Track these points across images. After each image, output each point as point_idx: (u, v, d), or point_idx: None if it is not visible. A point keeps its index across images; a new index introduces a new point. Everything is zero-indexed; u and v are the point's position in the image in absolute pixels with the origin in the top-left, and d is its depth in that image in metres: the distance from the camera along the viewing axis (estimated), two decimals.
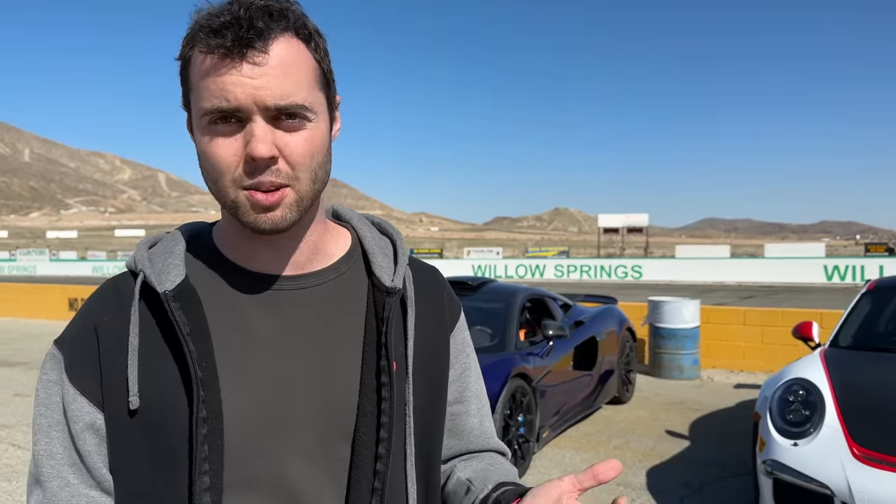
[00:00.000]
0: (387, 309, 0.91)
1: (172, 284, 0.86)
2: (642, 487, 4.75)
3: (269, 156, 0.79)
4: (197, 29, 0.80)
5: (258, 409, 0.85)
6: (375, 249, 0.97)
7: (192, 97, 0.83)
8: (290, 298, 0.91)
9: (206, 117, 0.81)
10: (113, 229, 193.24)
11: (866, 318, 4.88)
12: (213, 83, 0.79)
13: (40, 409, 0.89)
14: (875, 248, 34.50)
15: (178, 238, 0.94)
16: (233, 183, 0.82)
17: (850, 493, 3.17)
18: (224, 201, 0.84)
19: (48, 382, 0.89)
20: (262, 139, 0.79)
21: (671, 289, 25.42)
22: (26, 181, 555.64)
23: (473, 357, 1.08)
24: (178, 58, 0.85)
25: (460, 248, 57.88)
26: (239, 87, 0.78)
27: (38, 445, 0.88)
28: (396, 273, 0.95)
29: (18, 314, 17.05)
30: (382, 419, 0.88)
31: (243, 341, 0.87)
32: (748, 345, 9.27)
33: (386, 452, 0.88)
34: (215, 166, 0.82)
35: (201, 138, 0.82)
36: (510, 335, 5.47)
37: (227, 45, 0.78)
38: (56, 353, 0.89)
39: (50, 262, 51.84)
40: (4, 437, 6.04)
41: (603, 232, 48.65)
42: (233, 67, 0.78)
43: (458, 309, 1.07)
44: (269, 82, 0.79)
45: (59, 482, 0.86)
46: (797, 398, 3.76)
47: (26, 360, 10.40)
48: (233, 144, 0.81)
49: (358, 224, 1.02)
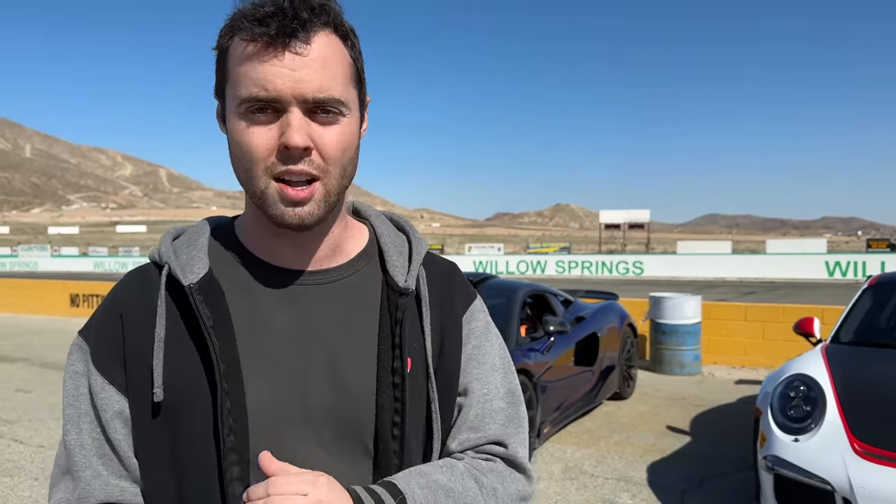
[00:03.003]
0: (400, 309, 0.92)
1: (197, 277, 0.88)
2: (643, 483, 4.75)
3: (305, 146, 0.81)
4: (240, 17, 0.82)
5: (278, 402, 0.86)
6: (391, 248, 0.98)
7: (228, 86, 0.84)
8: (309, 293, 0.92)
9: (242, 105, 0.82)
10: (114, 225, 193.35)
11: (868, 314, 4.87)
12: (254, 71, 0.80)
13: (69, 399, 0.89)
14: (877, 244, 34.42)
15: (202, 230, 0.96)
16: (265, 172, 0.83)
17: (850, 489, 3.17)
18: (253, 191, 0.85)
19: (75, 374, 0.90)
20: (298, 129, 0.80)
21: (672, 285, 25.40)
22: (28, 177, 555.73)
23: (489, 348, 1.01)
24: (216, 48, 0.86)
25: (461, 244, 57.88)
26: (279, 77, 0.80)
27: (69, 436, 0.89)
28: (410, 273, 0.96)
29: (20, 310, 17.06)
30: (395, 418, 0.89)
31: (263, 334, 0.88)
32: (749, 341, 9.27)
33: (399, 449, 0.89)
34: (249, 154, 0.83)
35: (236, 126, 0.83)
36: (511, 331, 5.47)
37: (270, 34, 0.79)
38: (82, 344, 0.90)
39: (51, 257, 51.88)
40: (6, 432, 6.05)
41: (604, 228, 48.59)
42: (275, 56, 0.80)
43: (469, 299, 1.03)
44: (308, 75, 0.80)
45: (90, 472, 0.87)
46: (798, 394, 3.76)
47: (28, 355, 10.41)
48: (267, 133, 0.82)
49: (376, 221, 1.03)
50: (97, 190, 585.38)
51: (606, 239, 53.74)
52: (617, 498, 4.48)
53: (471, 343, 1.00)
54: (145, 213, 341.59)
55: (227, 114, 0.86)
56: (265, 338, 0.88)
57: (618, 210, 48.14)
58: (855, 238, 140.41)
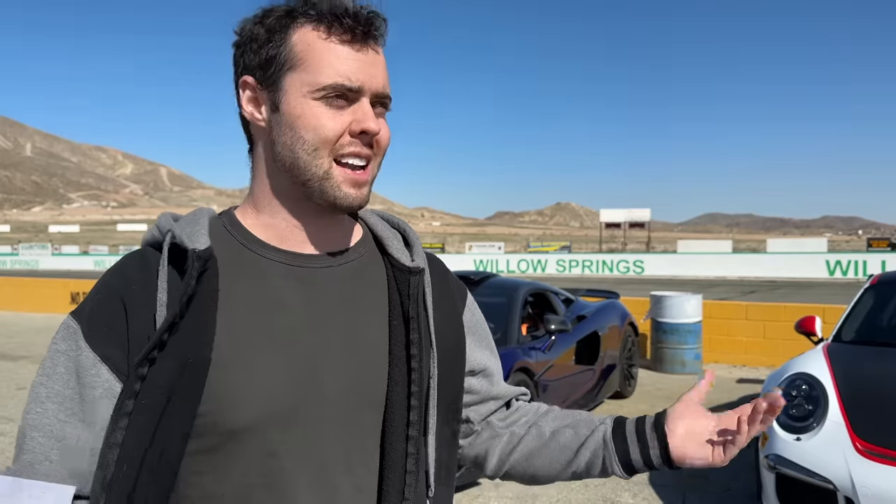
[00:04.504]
0: (412, 286, 0.97)
1: (203, 246, 0.87)
2: (644, 482, 4.75)
3: (378, 130, 0.91)
4: (323, 7, 0.89)
5: (288, 379, 0.87)
6: (389, 234, 1.03)
7: (295, 70, 0.89)
8: (319, 274, 0.95)
9: (322, 91, 0.88)
10: (115, 223, 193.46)
11: (869, 313, 4.87)
12: (340, 62, 0.88)
13: (42, 378, 0.86)
14: (877, 244, 34.39)
15: (202, 212, 0.96)
16: (331, 153, 0.89)
17: (853, 488, 3.17)
18: (315, 172, 0.90)
19: (56, 352, 0.87)
20: (373, 117, 0.90)
21: (673, 284, 25.39)
22: (28, 175, 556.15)
23: (487, 332, 1.17)
24: (265, 26, 0.90)
25: (462, 243, 57.91)
26: (362, 72, 0.89)
27: (30, 415, 0.85)
28: (416, 254, 1.02)
29: (21, 308, 17.06)
30: (413, 388, 0.93)
31: (274, 314, 0.90)
32: (750, 339, 9.27)
33: (418, 419, 0.93)
34: (323, 135, 0.89)
35: (308, 109, 0.89)
36: (512, 329, 5.47)
37: (356, 32, 0.89)
38: (72, 324, 0.88)
39: (52, 256, 51.87)
40: (8, 430, 6.05)
41: (605, 227, 48.61)
42: (360, 51, 0.90)
43: (464, 290, 1.14)
44: (380, 72, 0.92)
45: (38, 456, 0.84)
46: (800, 393, 3.75)
47: (29, 353, 10.42)
48: (341, 118, 0.89)
49: (368, 217, 1.07)
50: (98, 188, 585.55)
51: (607, 238, 53.74)
52: (618, 497, 4.48)
53: (477, 328, 1.13)
54: (146, 211, 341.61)
55: (284, 96, 0.89)
56: (276, 317, 0.89)
57: (618, 209, 48.17)
58: (856, 237, 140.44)
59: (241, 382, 0.84)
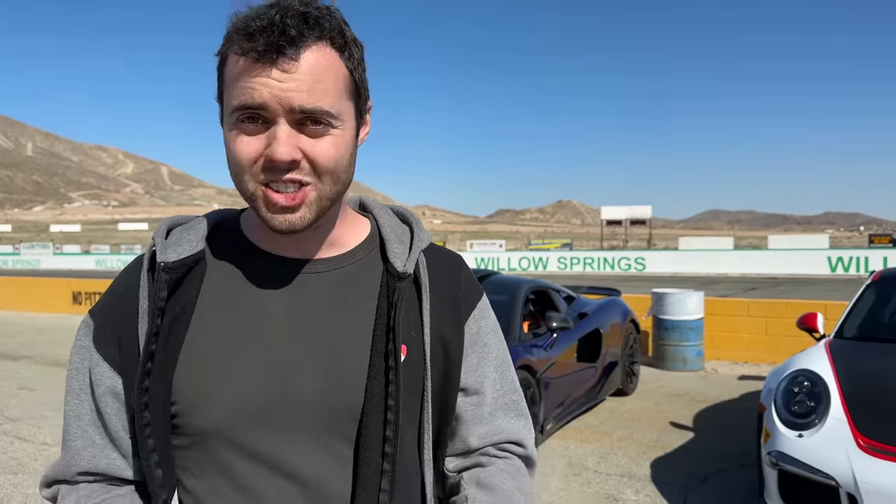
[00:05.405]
0: (397, 293, 0.92)
1: (177, 257, 0.90)
2: (646, 479, 4.75)
3: (290, 159, 0.82)
4: (233, 30, 0.83)
5: (259, 383, 0.87)
6: (392, 236, 0.99)
7: (225, 94, 0.86)
8: (307, 281, 0.94)
9: (234, 114, 0.84)
10: (116, 223, 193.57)
11: (871, 309, 4.87)
12: (243, 83, 0.82)
13: (72, 372, 0.94)
14: (879, 240, 34.35)
15: (202, 219, 0.99)
16: (252, 178, 0.85)
17: (855, 484, 3.17)
18: (244, 195, 0.88)
19: (80, 348, 0.94)
20: (283, 142, 0.82)
21: (675, 281, 25.37)
22: (29, 175, 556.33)
23: (496, 346, 1.04)
24: (217, 54, 0.88)
25: (463, 241, 57.88)
26: (266, 87, 0.81)
27: (68, 406, 0.94)
28: (409, 259, 0.96)
29: (23, 308, 17.08)
30: (389, 402, 0.89)
31: (254, 320, 0.90)
32: (752, 336, 9.25)
33: (394, 435, 0.88)
34: (237, 162, 0.85)
35: (228, 134, 0.86)
36: (514, 327, 5.47)
37: (258, 50, 0.81)
38: (88, 321, 0.95)
39: (53, 255, 51.91)
40: (10, 430, 6.06)
41: (606, 224, 48.57)
42: (262, 72, 0.81)
43: (476, 296, 1.04)
44: (297, 86, 0.81)
45: (81, 441, 0.92)
46: (802, 389, 3.75)
47: (31, 353, 10.43)
48: (255, 143, 0.84)
49: (379, 213, 1.04)
50: (99, 188, 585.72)
51: (608, 235, 53.70)
52: (620, 494, 4.48)
53: (482, 341, 1.02)
54: (147, 210, 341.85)
55: (223, 120, 0.89)
56: (256, 324, 0.90)
57: (619, 206, 48.15)
58: (857, 233, 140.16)
59: (211, 383, 0.87)
